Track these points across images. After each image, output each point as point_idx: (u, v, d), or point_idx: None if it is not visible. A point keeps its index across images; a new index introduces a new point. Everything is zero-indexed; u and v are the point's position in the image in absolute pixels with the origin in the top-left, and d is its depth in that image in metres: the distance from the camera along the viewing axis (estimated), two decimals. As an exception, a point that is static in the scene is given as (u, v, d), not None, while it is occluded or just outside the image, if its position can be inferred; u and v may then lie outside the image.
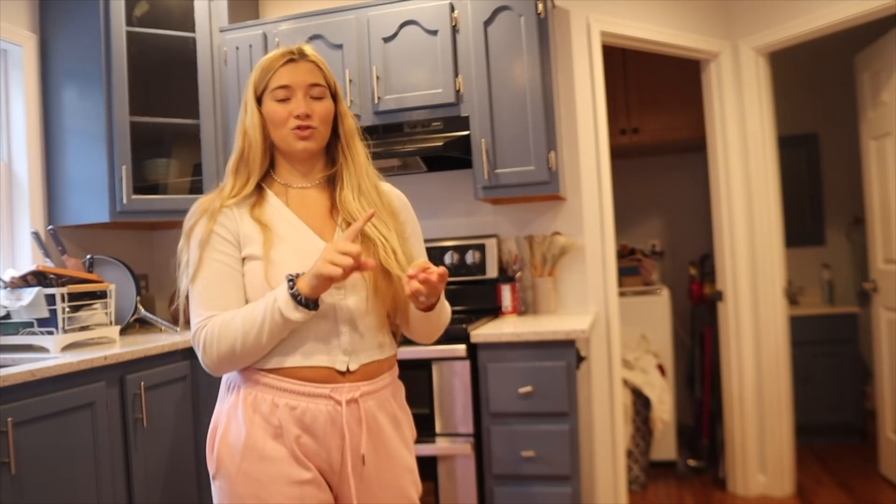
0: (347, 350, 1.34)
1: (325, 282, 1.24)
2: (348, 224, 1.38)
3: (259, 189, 1.42)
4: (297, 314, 1.25)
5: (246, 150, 1.40)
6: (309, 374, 1.31)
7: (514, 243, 2.91)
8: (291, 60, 1.37)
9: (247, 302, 1.34)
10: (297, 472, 1.30)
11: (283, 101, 1.37)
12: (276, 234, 1.35)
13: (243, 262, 1.35)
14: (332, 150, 1.45)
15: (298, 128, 1.36)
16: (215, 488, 1.36)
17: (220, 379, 1.42)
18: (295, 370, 1.31)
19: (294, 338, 1.31)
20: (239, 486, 1.30)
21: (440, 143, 2.53)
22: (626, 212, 4.30)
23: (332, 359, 1.33)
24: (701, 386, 3.84)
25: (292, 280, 1.26)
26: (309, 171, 1.44)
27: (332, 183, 1.45)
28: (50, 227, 2.72)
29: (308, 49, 1.40)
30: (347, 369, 1.33)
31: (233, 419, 1.33)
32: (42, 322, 2.32)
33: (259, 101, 1.39)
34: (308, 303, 1.25)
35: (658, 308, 3.84)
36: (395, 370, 1.48)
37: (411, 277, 1.26)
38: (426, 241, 2.95)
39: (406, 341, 2.28)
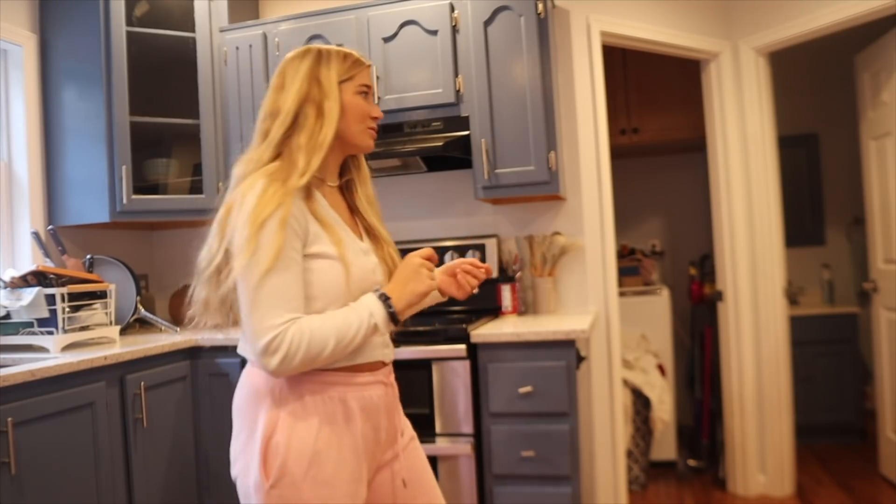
0: (388, 343, 1.45)
1: (421, 298, 1.34)
2: (366, 231, 1.47)
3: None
4: (390, 328, 1.32)
5: (319, 127, 1.33)
6: (368, 368, 1.38)
7: (514, 243, 2.91)
8: (370, 66, 1.44)
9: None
10: (359, 470, 1.34)
11: (365, 95, 1.40)
12: (336, 234, 1.34)
13: (306, 258, 1.29)
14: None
15: (372, 128, 1.42)
16: (272, 497, 1.28)
17: (221, 380, 1.43)
18: (361, 366, 1.36)
19: None
20: (306, 492, 1.26)
21: (440, 143, 2.53)
22: (626, 212, 4.30)
23: (383, 352, 1.42)
24: (701, 386, 3.84)
25: (386, 297, 1.30)
26: (337, 171, 1.45)
27: (341, 188, 1.49)
28: (50, 227, 2.72)
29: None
30: (389, 360, 1.45)
31: (298, 424, 1.28)
32: (42, 322, 2.32)
33: (338, 88, 1.37)
34: (397, 319, 1.31)
35: (658, 308, 3.84)
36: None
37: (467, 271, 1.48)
38: (426, 240, 2.97)
39: (402, 342, 2.29)
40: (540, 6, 2.53)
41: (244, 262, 1.23)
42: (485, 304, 2.81)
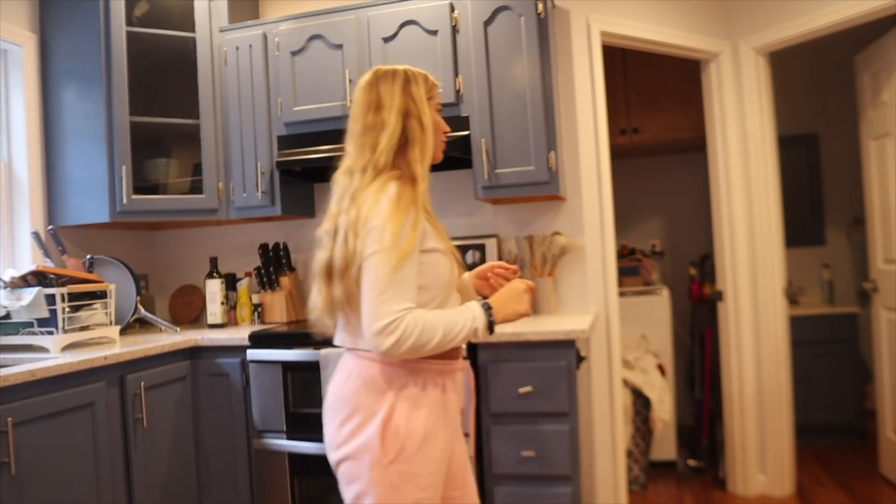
0: None
1: (517, 318, 1.53)
2: None
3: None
4: (486, 336, 1.48)
5: (427, 139, 1.53)
6: (457, 354, 1.57)
7: (514, 243, 2.91)
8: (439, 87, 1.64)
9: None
10: (449, 451, 1.55)
11: (440, 112, 1.62)
12: (441, 231, 1.55)
13: (422, 253, 1.46)
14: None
15: (444, 141, 1.63)
16: (391, 472, 1.43)
17: (221, 380, 1.45)
18: (454, 351, 1.55)
19: None
20: (417, 467, 1.45)
21: (440, 143, 2.53)
22: (626, 212, 4.31)
23: None
24: (701, 386, 3.84)
25: (489, 307, 1.48)
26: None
27: None
28: (50, 227, 2.72)
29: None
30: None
31: (414, 410, 1.47)
32: (42, 322, 2.33)
33: None
34: (493, 329, 1.48)
35: (658, 308, 3.84)
36: None
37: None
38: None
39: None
40: (540, 6, 2.53)
41: (380, 255, 1.38)
42: (485, 304, 2.81)
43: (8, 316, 2.38)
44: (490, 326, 1.47)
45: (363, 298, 1.41)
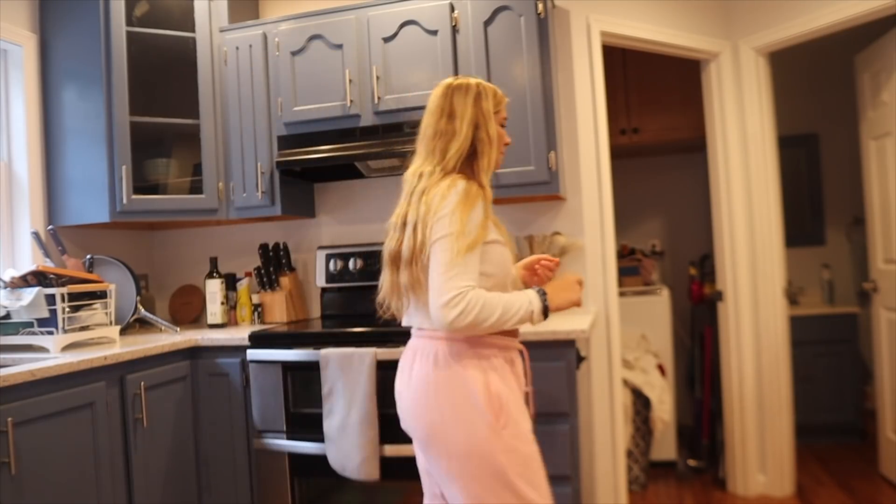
0: None
1: (569, 306, 1.69)
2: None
3: None
4: (540, 320, 1.60)
5: (492, 152, 1.67)
6: (516, 334, 1.70)
7: (514, 243, 2.91)
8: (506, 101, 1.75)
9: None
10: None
11: (503, 127, 1.73)
12: (500, 226, 1.71)
13: (485, 244, 1.60)
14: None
15: (502, 152, 1.74)
16: (506, 436, 1.55)
17: (221, 380, 1.46)
18: (513, 332, 1.68)
19: None
20: (522, 424, 1.60)
21: (440, 143, 2.53)
22: (626, 212, 4.31)
23: None
24: (701, 386, 3.83)
25: (544, 293, 1.61)
26: None
27: None
28: (50, 227, 2.72)
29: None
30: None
31: (500, 378, 1.60)
32: (42, 322, 2.33)
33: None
34: (548, 313, 1.61)
35: (658, 308, 3.84)
36: None
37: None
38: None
39: (402, 342, 2.28)
40: (540, 6, 2.53)
41: (448, 238, 1.51)
42: (485, 304, 2.81)
43: (8, 316, 2.38)
44: (545, 311, 1.59)
45: (431, 277, 1.53)
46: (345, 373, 2.27)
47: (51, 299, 2.30)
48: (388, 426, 2.28)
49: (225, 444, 2.54)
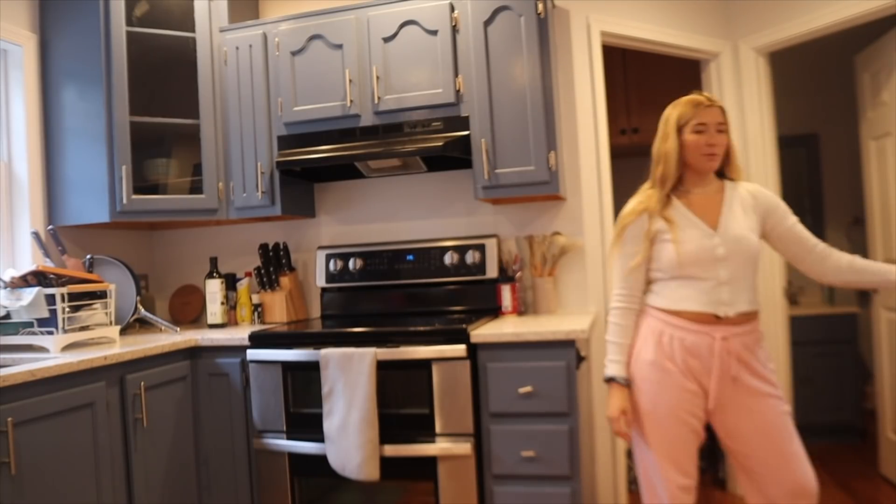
0: (725, 302, 1.86)
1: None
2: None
3: (668, 196, 1.96)
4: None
5: (661, 167, 1.95)
6: (693, 317, 1.87)
7: (514, 243, 2.91)
8: (709, 106, 1.91)
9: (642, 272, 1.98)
10: (683, 382, 1.87)
11: (700, 133, 1.90)
12: (678, 226, 1.90)
13: (654, 244, 1.92)
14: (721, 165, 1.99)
15: (708, 154, 1.90)
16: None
17: (221, 380, 1.54)
18: (683, 313, 1.88)
19: (689, 289, 1.87)
20: (643, 385, 1.90)
21: (440, 143, 2.53)
22: (626, 212, 4.29)
23: (714, 308, 1.86)
24: (701, 386, 3.83)
25: (614, 379, 1.94)
26: (704, 181, 1.97)
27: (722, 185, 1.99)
28: (50, 227, 2.72)
29: (715, 98, 1.95)
30: (726, 315, 1.86)
31: (644, 343, 1.92)
32: (42, 322, 2.33)
33: (679, 131, 1.93)
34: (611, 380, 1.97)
35: (658, 308, 3.82)
36: (758, 321, 1.93)
37: None
38: (426, 240, 2.96)
39: (402, 342, 2.29)
40: (540, 6, 2.53)
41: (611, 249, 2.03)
42: (485, 304, 2.81)
43: (8, 316, 2.38)
44: (607, 380, 1.96)
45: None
46: (345, 373, 2.27)
47: (51, 299, 2.30)
48: (388, 426, 2.28)
49: (225, 444, 2.54)
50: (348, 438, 2.25)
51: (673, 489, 1.90)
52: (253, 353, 2.46)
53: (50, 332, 2.30)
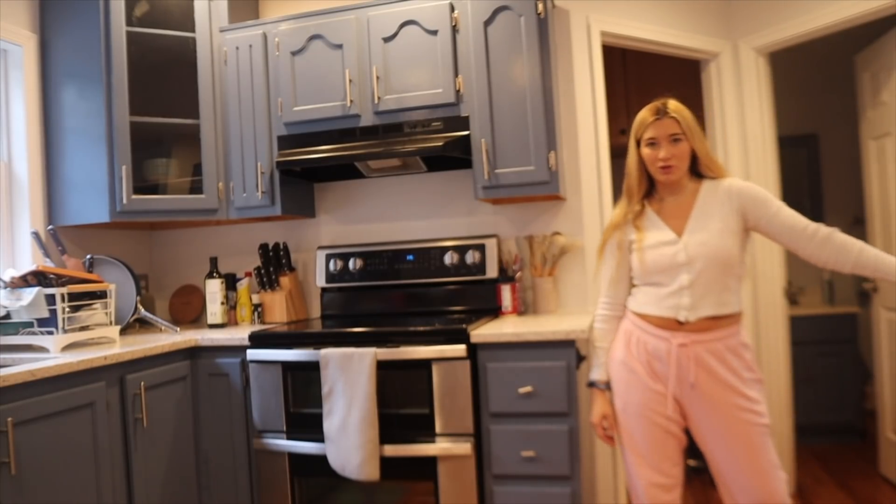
0: (685, 306, 1.85)
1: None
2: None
3: (641, 205, 1.99)
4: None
5: (629, 180, 1.98)
6: (655, 321, 1.89)
7: (514, 243, 2.91)
8: (657, 119, 1.92)
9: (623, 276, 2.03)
10: (649, 383, 1.89)
11: (652, 146, 1.91)
12: (645, 235, 1.93)
13: (626, 254, 1.98)
14: (695, 167, 1.97)
15: (663, 167, 1.90)
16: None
17: (220, 380, 1.48)
18: (647, 316, 1.91)
19: (652, 294, 1.90)
20: (615, 385, 1.96)
21: (440, 143, 2.53)
22: (626, 212, 4.29)
23: (674, 312, 1.86)
24: (701, 386, 3.83)
25: (594, 384, 2.01)
26: (677, 187, 1.96)
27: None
28: (50, 227, 2.72)
29: (671, 105, 1.95)
30: (686, 320, 1.85)
31: (616, 344, 1.98)
32: (42, 322, 2.33)
33: (638, 143, 1.95)
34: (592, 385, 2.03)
35: (658, 308, 3.83)
36: (735, 327, 1.88)
37: None
38: (426, 240, 2.96)
39: (402, 342, 2.29)
40: (540, 6, 2.53)
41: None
42: (485, 304, 2.81)
43: (8, 316, 2.38)
44: (589, 385, 2.03)
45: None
46: (345, 373, 2.27)
47: (51, 299, 2.31)
48: (388, 426, 2.28)
49: (225, 444, 2.54)
50: (348, 438, 2.25)
51: (646, 486, 1.91)
52: (253, 353, 2.46)
53: (50, 332, 2.30)
